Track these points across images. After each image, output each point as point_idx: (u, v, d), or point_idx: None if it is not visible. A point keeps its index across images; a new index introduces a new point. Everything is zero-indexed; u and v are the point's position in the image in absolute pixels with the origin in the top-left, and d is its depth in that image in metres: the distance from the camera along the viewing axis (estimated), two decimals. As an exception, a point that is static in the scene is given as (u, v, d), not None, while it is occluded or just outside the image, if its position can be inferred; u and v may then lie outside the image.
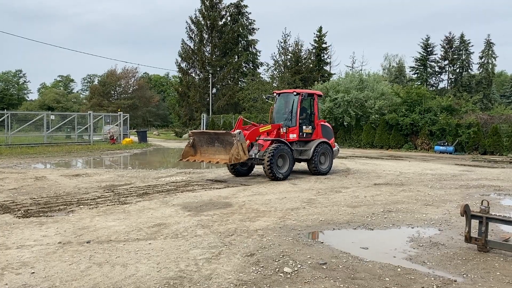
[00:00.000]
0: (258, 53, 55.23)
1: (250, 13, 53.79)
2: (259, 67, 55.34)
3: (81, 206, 8.20)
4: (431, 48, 56.54)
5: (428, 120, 26.36)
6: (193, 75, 53.03)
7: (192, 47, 51.88)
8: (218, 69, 51.10)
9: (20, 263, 4.87)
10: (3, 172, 13.38)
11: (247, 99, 42.71)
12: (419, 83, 49.93)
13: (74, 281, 4.32)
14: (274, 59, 52.11)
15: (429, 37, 56.63)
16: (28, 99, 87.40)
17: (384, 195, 9.77)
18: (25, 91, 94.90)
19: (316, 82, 35.27)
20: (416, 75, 58.26)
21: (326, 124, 14.55)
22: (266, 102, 41.20)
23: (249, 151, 12.14)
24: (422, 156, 23.06)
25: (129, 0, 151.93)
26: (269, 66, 53.67)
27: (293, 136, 13.05)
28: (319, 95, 14.33)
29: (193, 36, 51.89)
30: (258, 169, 14.30)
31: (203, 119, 45.28)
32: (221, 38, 50.37)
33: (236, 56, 52.28)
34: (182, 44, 51.73)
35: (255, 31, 54.16)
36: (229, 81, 51.56)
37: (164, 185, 11.14)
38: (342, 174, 13.91)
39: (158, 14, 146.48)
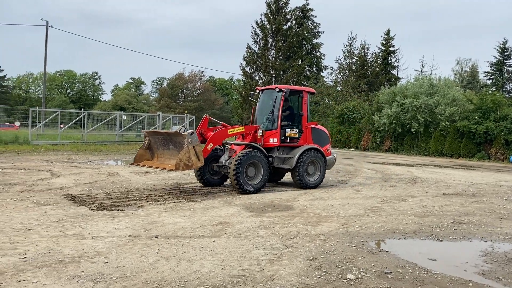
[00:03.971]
0: (322, 57, 54.77)
1: (315, 16, 53.50)
2: (323, 70, 54.85)
3: (150, 202, 8.58)
4: (508, 52, 52.91)
5: (504, 129, 24.67)
6: (257, 78, 53.58)
7: (256, 51, 52.45)
8: (281, 72, 51.24)
9: (95, 252, 5.19)
10: (79, 167, 14.34)
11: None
12: (494, 89, 46.88)
13: (144, 273, 4.54)
14: (338, 63, 51.50)
15: (506, 41, 53.00)
16: (102, 100, 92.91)
17: (454, 206, 9.28)
18: (100, 92, 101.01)
19: (382, 86, 34.30)
20: (491, 80, 54.79)
21: (319, 127, 12.28)
22: (329, 106, 40.76)
23: (217, 157, 10.81)
24: (496, 166, 21.62)
25: (198, 5, 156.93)
26: (333, 69, 53.10)
27: (273, 141, 10.96)
28: (311, 93, 11.94)
29: (258, 40, 52.43)
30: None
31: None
32: (286, 42, 50.47)
33: (300, 60, 52.15)
34: (247, 48, 52.46)
35: (320, 34, 53.78)
36: (291, 85, 51.52)
37: (227, 185, 11.36)
38: (409, 182, 13.40)
39: (224, 19, 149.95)
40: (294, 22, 52.43)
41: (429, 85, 29.34)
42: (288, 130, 11.10)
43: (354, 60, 49.95)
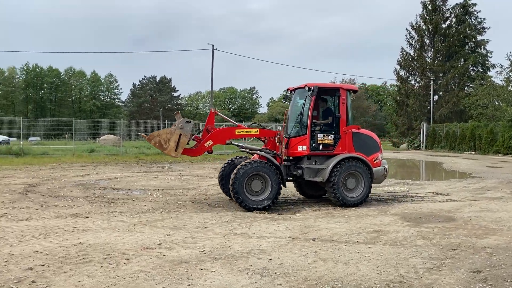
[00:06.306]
0: (488, 54, 49.24)
1: (479, 11, 48.48)
2: (490, 69, 49.25)
3: (305, 208, 9.07)
4: None
5: None
6: (412, 82, 50.87)
7: (411, 54, 49.90)
8: (440, 74, 47.67)
9: (260, 250, 5.80)
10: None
11: (475, 105, 38.57)
12: None
13: (303, 271, 4.93)
14: (510, 59, 45.65)
15: None
16: (259, 113, 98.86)
17: None
18: (257, 106, 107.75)
19: None
20: None
21: (364, 132, 10.08)
22: (499, 108, 36.42)
23: None
24: None
25: (350, 14, 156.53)
26: (503, 67, 47.23)
27: (302, 149, 9.28)
28: (351, 91, 10.01)
29: (413, 43, 49.84)
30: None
31: (423, 129, 42.95)
32: (444, 42, 46.87)
33: (462, 60, 47.80)
34: (401, 52, 50.29)
35: (485, 30, 48.51)
36: (453, 87, 47.48)
37: (381, 194, 11.24)
38: None
39: (376, 24, 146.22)
40: (453, 20, 48.45)
41: None
42: (320, 135, 9.29)
43: (530, 55, 43.63)
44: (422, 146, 42.73)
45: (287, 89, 10.51)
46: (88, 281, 4.52)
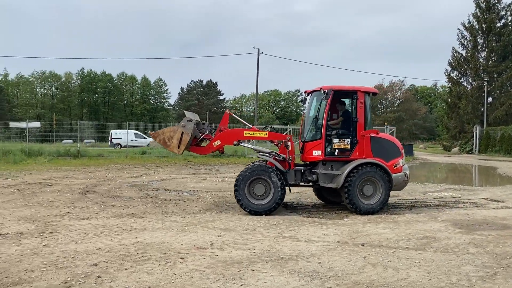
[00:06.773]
0: (549, 53, 46.54)
1: (538, 8, 45.97)
2: (551, 69, 46.51)
3: (354, 213, 9.06)
4: None
5: None
6: (465, 84, 48.98)
7: (463, 54, 48.10)
8: (495, 75, 45.60)
9: (309, 254, 5.92)
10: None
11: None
12: None
13: (353, 275, 5.01)
14: None
15: None
16: (304, 115, 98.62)
17: None
18: (301, 108, 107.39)
19: None
20: None
21: (384, 136, 9.84)
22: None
23: None
24: None
25: (397, 13, 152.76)
26: None
27: (317, 154, 9.08)
28: (370, 93, 9.45)
29: (465, 43, 48.01)
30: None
31: (476, 132, 41.22)
32: (500, 41, 44.82)
33: (519, 59, 45.51)
34: (452, 52, 48.60)
35: (545, 28, 45.89)
36: (509, 88, 45.27)
37: (432, 200, 11.02)
38: None
39: (425, 24, 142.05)
40: (509, 18, 46.24)
41: None
42: (336, 140, 9.03)
43: None
44: (475, 150, 41.03)
45: (305, 92, 10.28)
46: (148, 278, 4.83)
